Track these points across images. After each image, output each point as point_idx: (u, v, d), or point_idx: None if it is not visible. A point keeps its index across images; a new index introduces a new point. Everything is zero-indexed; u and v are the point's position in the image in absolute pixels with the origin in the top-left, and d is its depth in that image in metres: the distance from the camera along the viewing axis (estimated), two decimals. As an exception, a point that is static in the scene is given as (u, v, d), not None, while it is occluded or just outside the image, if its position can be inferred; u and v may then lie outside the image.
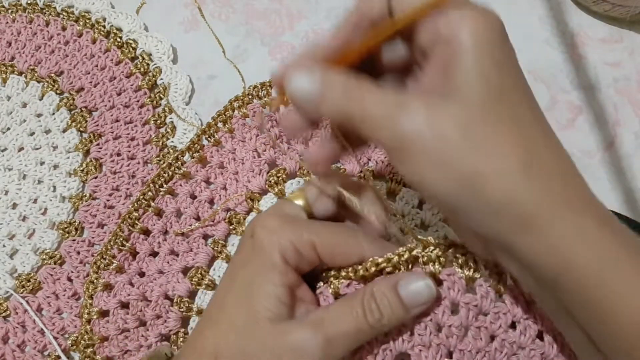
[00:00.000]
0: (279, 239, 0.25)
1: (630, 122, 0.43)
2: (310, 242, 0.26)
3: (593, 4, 0.46)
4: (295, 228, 0.26)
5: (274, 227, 0.26)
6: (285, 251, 0.25)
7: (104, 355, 0.37)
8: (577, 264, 0.22)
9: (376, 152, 0.42)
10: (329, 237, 0.26)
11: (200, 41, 0.50)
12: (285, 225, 0.26)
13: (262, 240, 0.26)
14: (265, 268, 0.25)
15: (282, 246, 0.25)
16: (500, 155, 0.22)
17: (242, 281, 0.26)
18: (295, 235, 0.25)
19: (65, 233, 0.42)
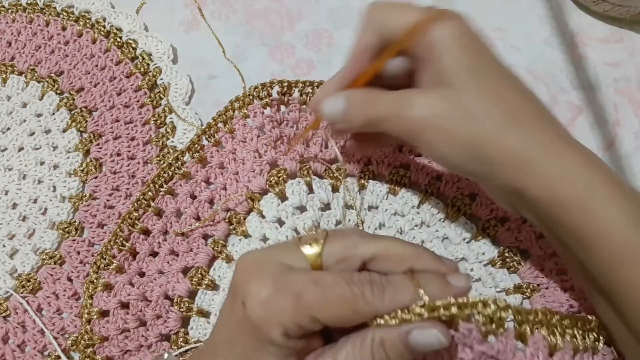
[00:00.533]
0: (278, 318, 0.23)
1: (630, 122, 0.43)
2: (315, 319, 0.23)
3: (593, 4, 0.46)
4: (296, 307, 0.23)
5: (270, 302, 0.23)
6: (287, 330, 0.23)
7: (104, 355, 0.37)
8: (565, 195, 0.26)
9: (376, 153, 0.42)
10: (335, 310, 0.23)
11: (200, 41, 0.50)
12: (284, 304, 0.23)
13: (258, 319, 0.23)
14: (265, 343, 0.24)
15: (283, 326, 0.23)
16: (488, 119, 0.28)
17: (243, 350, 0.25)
18: (296, 315, 0.23)
19: (65, 233, 0.42)
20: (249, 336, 0.24)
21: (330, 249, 0.25)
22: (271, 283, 0.24)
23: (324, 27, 0.50)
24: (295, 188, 0.40)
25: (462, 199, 0.40)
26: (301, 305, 0.23)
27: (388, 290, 0.24)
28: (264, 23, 0.51)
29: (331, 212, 0.40)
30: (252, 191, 0.41)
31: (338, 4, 0.51)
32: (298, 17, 0.51)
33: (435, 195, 0.40)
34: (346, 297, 0.23)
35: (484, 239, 0.38)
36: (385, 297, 0.24)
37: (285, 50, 0.49)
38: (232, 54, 0.49)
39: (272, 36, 0.50)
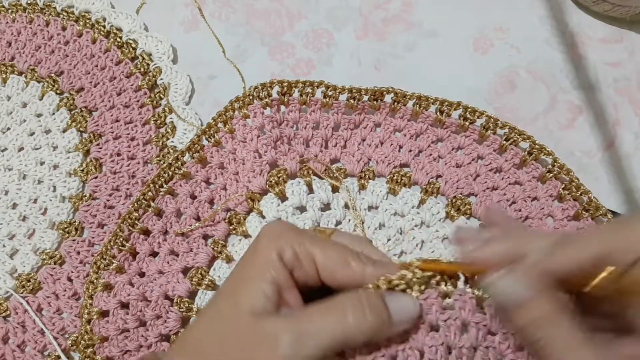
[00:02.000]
0: (280, 239, 0.25)
1: (630, 122, 0.43)
2: (311, 255, 0.25)
3: (593, 4, 0.46)
4: (299, 236, 0.26)
5: (279, 229, 0.26)
6: (283, 251, 0.25)
7: (104, 355, 0.37)
8: None
9: (376, 152, 0.42)
10: (332, 256, 0.26)
11: (200, 41, 0.50)
12: (291, 231, 0.26)
13: (262, 238, 0.26)
14: (258, 263, 0.25)
15: (280, 247, 0.25)
16: None
17: (235, 276, 0.26)
18: (297, 242, 0.25)
19: (65, 233, 0.42)
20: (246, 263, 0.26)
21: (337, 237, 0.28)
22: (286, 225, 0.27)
23: (324, 27, 0.50)
24: (295, 188, 0.40)
25: (462, 199, 0.40)
26: (303, 236, 0.26)
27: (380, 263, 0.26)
28: (264, 23, 0.51)
29: (331, 212, 0.40)
30: (252, 191, 0.41)
31: (338, 4, 0.51)
32: (298, 17, 0.51)
33: (435, 195, 0.40)
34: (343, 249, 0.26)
35: (484, 239, 0.38)
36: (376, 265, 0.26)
37: (285, 50, 0.49)
38: (232, 54, 0.49)
39: (272, 36, 0.50)
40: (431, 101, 0.41)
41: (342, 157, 0.42)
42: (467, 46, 0.47)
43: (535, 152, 0.40)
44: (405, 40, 0.48)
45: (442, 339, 0.25)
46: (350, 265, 0.25)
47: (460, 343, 0.25)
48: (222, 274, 0.39)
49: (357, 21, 0.50)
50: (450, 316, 0.25)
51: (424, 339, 0.25)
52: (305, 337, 0.23)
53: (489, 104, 0.45)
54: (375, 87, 0.42)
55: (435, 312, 0.25)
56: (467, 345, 0.25)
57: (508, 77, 0.46)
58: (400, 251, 0.38)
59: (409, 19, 0.49)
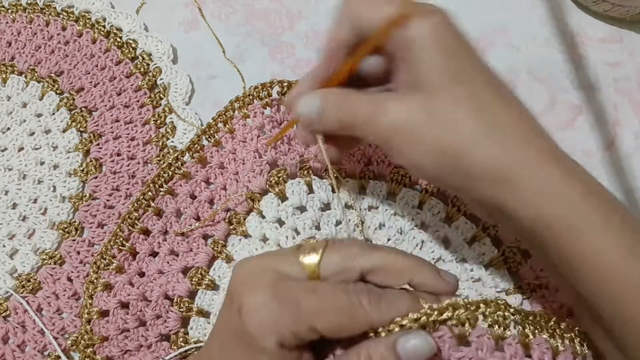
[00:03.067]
0: (275, 327, 0.23)
1: (630, 122, 0.43)
2: (312, 327, 0.23)
3: (593, 4, 0.46)
4: (293, 315, 0.23)
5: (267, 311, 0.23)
6: (283, 340, 0.23)
7: (104, 355, 0.37)
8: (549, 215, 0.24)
9: (376, 152, 0.42)
10: (333, 318, 0.23)
11: (200, 41, 0.50)
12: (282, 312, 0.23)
13: (253, 328, 0.23)
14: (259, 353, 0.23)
15: (279, 335, 0.23)
16: (464, 128, 0.26)
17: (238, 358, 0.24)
18: (293, 324, 0.23)
19: (65, 233, 0.42)
20: (243, 345, 0.24)
21: (328, 259, 0.25)
22: (268, 291, 0.23)
23: (324, 27, 0.50)
24: (295, 188, 0.40)
25: (462, 199, 0.40)
26: (299, 314, 0.23)
27: (385, 299, 0.24)
28: (264, 23, 0.51)
29: (331, 212, 0.40)
30: (252, 191, 0.41)
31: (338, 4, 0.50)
32: (298, 17, 0.51)
33: (435, 195, 0.40)
34: (344, 305, 0.23)
35: (484, 239, 0.38)
36: (382, 305, 0.24)
37: (285, 50, 0.49)
38: (232, 54, 0.49)
39: (272, 36, 0.50)
40: (431, 101, 0.41)
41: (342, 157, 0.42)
42: (467, 46, 0.47)
43: (535, 152, 0.39)
44: (405, 40, 0.48)
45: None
46: (356, 321, 0.24)
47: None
48: (222, 273, 0.39)
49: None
50: (465, 354, 0.24)
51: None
52: None
53: (489, 104, 0.45)
54: (375, 87, 0.42)
55: (448, 350, 0.24)
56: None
57: (508, 77, 0.46)
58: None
59: (409, 19, 0.49)
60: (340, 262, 0.25)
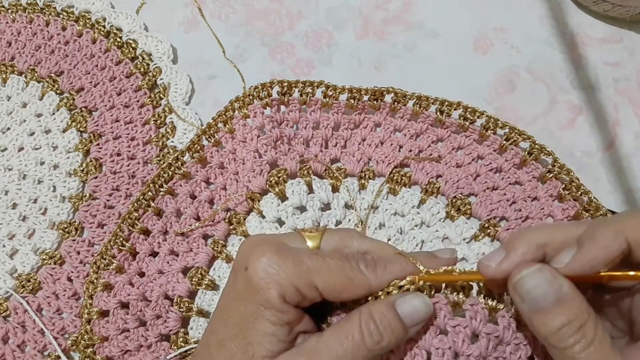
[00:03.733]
0: (279, 279, 0.24)
1: (630, 122, 0.43)
2: (312, 283, 0.24)
3: (593, 4, 0.46)
4: (295, 268, 0.24)
5: (271, 264, 0.24)
6: (286, 292, 0.24)
7: (104, 355, 0.37)
8: None
9: (376, 152, 0.42)
10: (332, 277, 0.24)
11: (200, 41, 0.50)
12: (285, 264, 0.24)
13: (258, 279, 0.24)
14: (262, 307, 0.24)
15: (282, 287, 0.24)
16: None
17: (239, 319, 0.25)
18: (296, 276, 0.24)
19: (65, 233, 0.42)
20: (246, 302, 0.25)
21: (329, 237, 0.27)
22: (274, 249, 0.25)
23: (324, 27, 0.50)
24: (295, 188, 0.40)
25: (462, 199, 0.40)
26: (301, 268, 0.24)
27: (381, 264, 0.26)
28: (264, 23, 0.51)
29: (331, 212, 0.40)
30: (252, 191, 0.41)
31: (338, 4, 0.51)
32: (298, 17, 0.51)
33: (435, 195, 0.40)
34: (343, 266, 0.25)
35: (484, 239, 0.38)
36: (378, 269, 0.25)
37: (285, 50, 0.49)
38: (232, 54, 0.49)
39: (272, 36, 0.50)
40: (431, 101, 0.41)
41: (342, 157, 0.42)
42: (467, 46, 0.47)
43: (536, 152, 0.40)
44: (405, 40, 0.48)
45: (450, 343, 0.25)
46: (354, 282, 0.25)
47: (469, 351, 0.25)
48: (222, 273, 0.39)
49: (357, 21, 0.50)
50: (459, 323, 0.25)
51: (431, 340, 0.25)
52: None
53: (489, 104, 0.45)
54: (375, 87, 0.42)
55: (444, 318, 0.25)
56: (476, 354, 0.25)
57: (508, 77, 0.46)
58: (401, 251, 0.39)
59: (409, 19, 0.49)
60: (340, 241, 0.27)
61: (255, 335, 0.24)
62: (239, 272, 0.25)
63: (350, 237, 0.28)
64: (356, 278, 0.25)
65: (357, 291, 0.25)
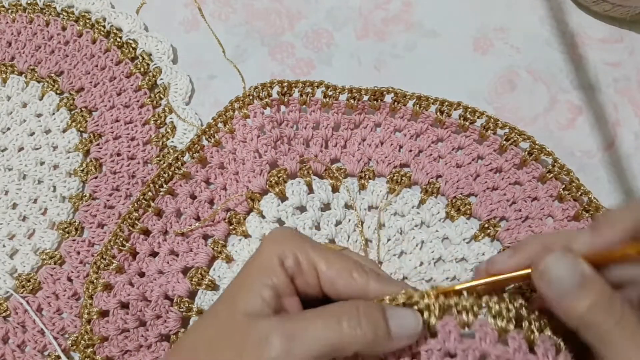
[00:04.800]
0: (283, 245, 0.25)
1: (630, 122, 0.43)
2: (314, 263, 0.25)
3: (593, 4, 0.46)
4: (303, 243, 0.26)
5: (283, 235, 0.26)
6: (285, 257, 0.25)
7: (104, 355, 0.37)
8: None
9: (376, 152, 0.42)
10: (334, 266, 0.25)
11: (200, 41, 0.50)
12: (295, 238, 0.26)
13: (264, 244, 0.26)
14: (259, 267, 0.25)
15: (282, 252, 0.25)
16: None
17: (236, 280, 0.26)
18: (300, 248, 0.25)
19: (65, 233, 0.42)
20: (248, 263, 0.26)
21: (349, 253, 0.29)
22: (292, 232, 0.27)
23: (324, 27, 0.50)
24: (295, 188, 0.40)
25: (462, 199, 0.40)
26: (306, 245, 0.26)
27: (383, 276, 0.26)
28: (264, 23, 0.51)
29: (331, 212, 0.40)
30: (252, 191, 0.41)
31: (338, 3, 0.51)
32: (298, 17, 0.51)
33: (435, 195, 0.40)
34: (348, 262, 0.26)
35: (484, 239, 0.38)
36: (380, 278, 0.26)
37: (285, 50, 0.49)
38: (232, 54, 0.49)
39: (272, 36, 0.50)
40: (431, 101, 0.41)
41: (342, 157, 0.42)
42: (467, 46, 0.47)
43: (536, 152, 0.40)
44: (405, 40, 0.48)
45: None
46: (353, 277, 0.25)
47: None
48: (222, 274, 0.39)
49: (357, 21, 0.50)
50: (469, 346, 0.24)
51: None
52: (296, 340, 0.22)
53: (489, 104, 0.45)
54: (375, 87, 0.42)
55: (454, 341, 0.24)
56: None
57: (508, 77, 0.46)
58: (400, 251, 0.39)
59: (409, 19, 0.49)
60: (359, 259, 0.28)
61: (243, 291, 0.25)
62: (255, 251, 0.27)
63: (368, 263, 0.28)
64: (356, 274, 0.25)
65: (353, 287, 0.25)
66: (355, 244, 0.39)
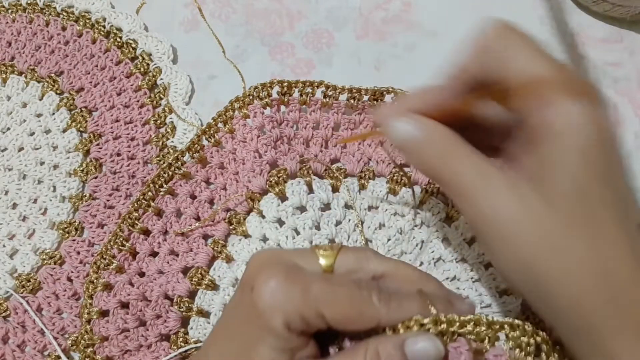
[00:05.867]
0: (284, 307, 0.23)
1: (630, 122, 0.43)
2: (320, 313, 0.23)
3: (593, 4, 0.46)
4: (303, 296, 0.23)
5: (278, 289, 0.23)
6: (290, 320, 0.23)
7: (104, 355, 0.37)
8: None
9: (376, 152, 0.42)
10: (341, 308, 0.23)
11: (200, 41, 0.50)
12: (292, 291, 0.23)
13: (263, 304, 0.23)
14: (265, 332, 0.23)
15: (287, 315, 0.23)
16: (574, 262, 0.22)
17: (241, 340, 0.24)
18: (302, 305, 0.23)
19: (65, 233, 0.42)
20: (250, 324, 0.24)
21: (343, 257, 0.26)
22: (283, 273, 0.24)
23: (324, 27, 0.50)
24: (295, 188, 0.40)
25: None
26: (308, 297, 0.23)
27: (395, 299, 0.24)
28: (264, 23, 0.51)
29: (331, 212, 0.40)
30: (252, 191, 0.41)
31: (338, 3, 0.51)
32: (298, 17, 0.51)
33: (435, 195, 0.40)
34: (353, 297, 0.24)
35: (484, 239, 0.38)
36: (391, 304, 0.24)
37: (285, 50, 0.49)
38: (232, 54, 0.49)
39: (272, 36, 0.50)
40: (431, 101, 0.41)
41: (342, 157, 0.42)
42: (467, 46, 0.47)
43: (535, 152, 0.39)
44: (405, 40, 0.48)
45: None
46: (363, 315, 0.24)
47: None
48: (222, 273, 0.39)
49: (357, 21, 0.50)
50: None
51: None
52: None
53: (489, 104, 0.45)
54: (375, 87, 0.42)
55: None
56: None
57: (508, 77, 0.46)
58: (401, 251, 0.39)
59: (409, 19, 0.49)
60: (355, 262, 0.26)
61: (256, 358, 0.23)
62: (245, 290, 0.24)
63: (367, 258, 0.26)
64: (367, 311, 0.24)
65: (366, 324, 0.24)
66: (356, 244, 0.39)
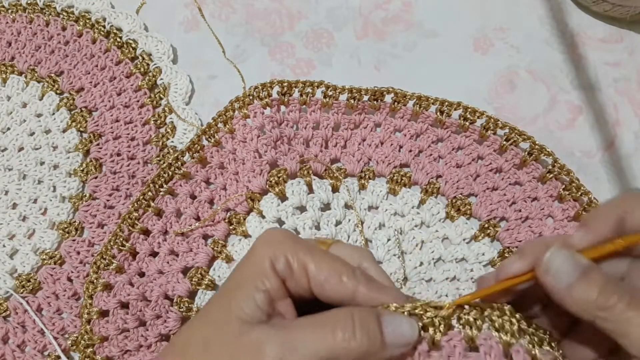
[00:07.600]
0: (274, 247, 0.25)
1: (630, 122, 0.43)
2: (304, 265, 0.25)
3: (593, 4, 0.46)
4: (295, 246, 0.26)
5: (275, 237, 0.26)
6: (276, 261, 0.25)
7: (104, 355, 0.37)
8: None
9: (376, 152, 0.42)
10: (324, 269, 0.25)
11: (200, 41, 0.50)
12: (287, 240, 0.26)
13: (257, 246, 0.26)
14: (252, 271, 0.25)
15: (274, 255, 0.25)
16: None
17: (230, 281, 0.26)
18: (292, 251, 0.25)
19: (65, 233, 0.42)
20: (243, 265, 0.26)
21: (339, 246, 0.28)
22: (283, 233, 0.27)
23: (324, 27, 0.50)
24: (295, 188, 0.40)
25: (462, 199, 0.40)
26: (299, 247, 0.25)
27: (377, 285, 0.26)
28: (264, 23, 0.51)
29: (331, 212, 0.40)
30: (252, 191, 0.41)
31: (338, 4, 0.51)
32: (298, 17, 0.51)
33: (436, 196, 0.40)
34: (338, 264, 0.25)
35: (484, 239, 0.38)
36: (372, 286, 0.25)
37: (285, 50, 0.49)
38: (232, 54, 0.49)
39: (272, 36, 0.50)
40: (431, 101, 0.41)
41: (342, 157, 0.42)
42: (467, 46, 0.47)
43: (536, 153, 0.40)
44: (405, 40, 0.48)
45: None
46: (342, 281, 0.25)
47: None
48: (222, 273, 0.39)
49: (357, 21, 0.50)
50: None
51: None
52: (290, 349, 0.23)
53: (488, 104, 0.45)
54: (375, 87, 0.42)
55: (459, 355, 0.24)
56: None
57: (508, 77, 0.46)
58: (400, 251, 0.39)
59: (409, 19, 0.49)
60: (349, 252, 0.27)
61: (236, 295, 0.25)
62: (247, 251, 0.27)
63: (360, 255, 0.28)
64: (347, 281, 0.25)
65: (341, 291, 0.25)
66: (355, 245, 0.39)
